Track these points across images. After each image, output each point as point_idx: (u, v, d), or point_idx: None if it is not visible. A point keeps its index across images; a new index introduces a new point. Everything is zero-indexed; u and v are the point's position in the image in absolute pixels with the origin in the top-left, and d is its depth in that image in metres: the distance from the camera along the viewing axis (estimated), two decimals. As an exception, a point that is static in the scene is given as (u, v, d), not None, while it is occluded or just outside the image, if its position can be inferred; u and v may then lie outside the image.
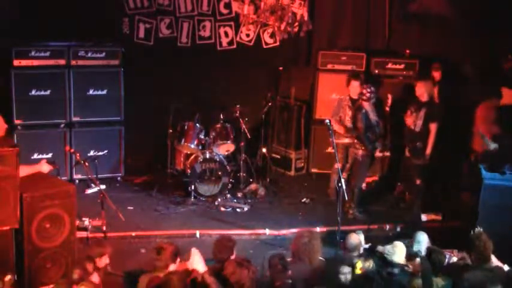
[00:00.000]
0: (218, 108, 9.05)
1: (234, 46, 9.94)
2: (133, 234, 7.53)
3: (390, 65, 9.48)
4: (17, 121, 8.54)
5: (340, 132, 8.40)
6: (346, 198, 7.19)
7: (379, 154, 8.47)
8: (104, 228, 7.26)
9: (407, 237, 6.73)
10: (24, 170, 5.85)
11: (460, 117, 8.61)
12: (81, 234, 6.88)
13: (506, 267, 5.75)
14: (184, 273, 5.09)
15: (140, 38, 9.61)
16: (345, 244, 6.23)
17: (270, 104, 9.59)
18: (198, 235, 7.62)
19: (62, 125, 8.84)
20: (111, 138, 9.12)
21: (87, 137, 8.92)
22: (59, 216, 5.92)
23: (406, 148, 8.42)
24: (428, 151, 8.11)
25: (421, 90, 8.16)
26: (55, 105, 8.74)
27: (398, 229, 8.02)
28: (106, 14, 9.23)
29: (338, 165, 7.25)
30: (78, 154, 7.74)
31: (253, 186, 9.11)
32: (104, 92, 8.99)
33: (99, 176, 8.16)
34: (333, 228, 7.30)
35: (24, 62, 8.50)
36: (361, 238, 6.46)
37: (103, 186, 8.13)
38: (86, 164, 7.60)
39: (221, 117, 8.91)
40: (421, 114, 8.12)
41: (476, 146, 7.84)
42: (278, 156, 10.03)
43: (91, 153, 8.85)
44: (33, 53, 8.54)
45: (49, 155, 8.49)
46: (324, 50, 9.70)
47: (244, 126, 9.02)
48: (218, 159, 8.70)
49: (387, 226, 8.06)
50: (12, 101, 8.47)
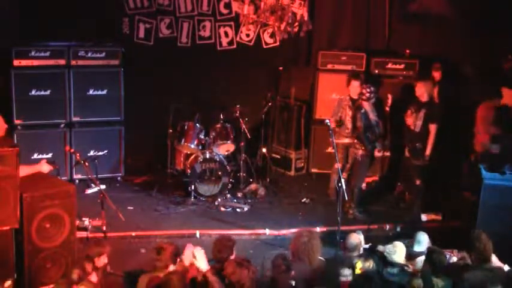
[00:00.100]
0: (218, 108, 9.05)
1: (234, 46, 9.95)
2: (133, 234, 7.54)
3: (390, 65, 9.48)
4: (17, 121, 8.54)
5: (341, 132, 8.40)
6: (346, 198, 7.21)
7: (378, 154, 8.45)
8: (104, 228, 7.25)
9: (407, 237, 6.71)
10: (24, 170, 5.86)
11: (460, 117, 8.61)
12: (81, 234, 6.88)
13: (506, 267, 5.75)
14: (184, 273, 5.09)
15: (140, 38, 9.62)
16: (345, 244, 6.21)
17: (270, 104, 9.59)
18: (198, 235, 7.61)
19: (62, 125, 8.84)
20: (111, 138, 9.12)
21: (87, 137, 8.92)
22: (59, 216, 5.92)
23: (406, 148, 8.43)
24: (427, 152, 8.10)
25: (421, 90, 8.17)
26: (55, 105, 8.74)
27: (398, 229, 8.02)
28: (106, 14, 9.24)
29: (338, 165, 7.26)
30: (78, 154, 7.74)
31: (253, 186, 9.11)
32: (104, 92, 8.99)
33: (99, 176, 8.16)
34: (333, 228, 7.31)
35: (24, 62, 8.50)
36: (361, 238, 6.45)
37: (103, 186, 8.13)
38: (86, 164, 7.60)
39: (221, 117, 8.91)
40: (421, 114, 8.12)
41: (476, 146, 7.84)
42: (278, 156, 10.02)
43: (91, 153, 8.85)
44: (33, 53, 8.54)
45: (49, 155, 8.50)
46: (324, 50, 9.70)
47: (244, 126, 9.02)
48: (218, 159, 8.69)
49: (387, 226, 8.06)
50: (12, 101, 8.48)
